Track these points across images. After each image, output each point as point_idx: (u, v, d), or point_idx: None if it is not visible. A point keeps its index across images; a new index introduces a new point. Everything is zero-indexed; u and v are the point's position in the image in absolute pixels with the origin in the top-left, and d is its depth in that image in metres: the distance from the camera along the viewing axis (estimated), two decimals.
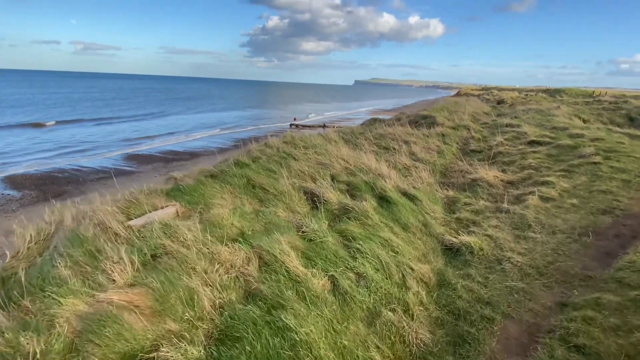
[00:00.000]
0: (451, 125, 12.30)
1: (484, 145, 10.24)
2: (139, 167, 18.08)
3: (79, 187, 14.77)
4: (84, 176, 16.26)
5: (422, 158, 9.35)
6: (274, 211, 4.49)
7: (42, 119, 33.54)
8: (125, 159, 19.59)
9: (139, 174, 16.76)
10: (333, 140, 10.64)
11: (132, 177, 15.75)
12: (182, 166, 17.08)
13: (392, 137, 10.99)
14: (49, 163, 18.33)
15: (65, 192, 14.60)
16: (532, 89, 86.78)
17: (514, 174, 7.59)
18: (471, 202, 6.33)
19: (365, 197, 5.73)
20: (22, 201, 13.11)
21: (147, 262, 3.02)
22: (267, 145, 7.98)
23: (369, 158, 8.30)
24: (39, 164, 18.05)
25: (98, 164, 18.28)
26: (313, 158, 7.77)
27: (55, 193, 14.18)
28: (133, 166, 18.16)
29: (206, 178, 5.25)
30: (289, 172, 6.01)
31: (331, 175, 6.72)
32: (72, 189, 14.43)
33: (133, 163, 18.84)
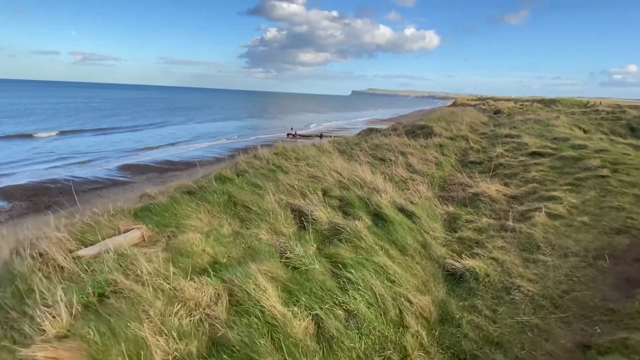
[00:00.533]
0: (449, 135, 11.87)
1: (484, 156, 9.79)
2: (133, 178, 17.64)
3: (71, 197, 14.62)
4: (76, 187, 15.69)
5: (420, 170, 8.88)
6: (255, 233, 3.98)
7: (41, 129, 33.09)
8: (120, 169, 19.13)
9: (132, 184, 16.32)
10: (327, 151, 10.18)
11: (126, 188, 15.37)
12: (177, 176, 16.83)
13: (388, 148, 10.53)
14: (43, 174, 17.85)
15: (56, 203, 14.23)
16: (527, 99, 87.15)
17: (517, 187, 7.11)
18: (473, 219, 5.83)
19: (359, 214, 5.23)
20: (11, 212, 12.65)
21: (91, 304, 2.50)
22: (257, 157, 7.50)
23: (364, 170, 7.83)
24: (32, 175, 17.59)
25: (92, 174, 17.86)
26: (305, 171, 7.28)
27: (46, 204, 13.79)
28: (127, 176, 17.69)
29: (182, 195, 4.74)
30: (277, 187, 5.50)
31: (323, 190, 6.22)
32: (63, 200, 13.98)
33: (127, 173, 18.38)
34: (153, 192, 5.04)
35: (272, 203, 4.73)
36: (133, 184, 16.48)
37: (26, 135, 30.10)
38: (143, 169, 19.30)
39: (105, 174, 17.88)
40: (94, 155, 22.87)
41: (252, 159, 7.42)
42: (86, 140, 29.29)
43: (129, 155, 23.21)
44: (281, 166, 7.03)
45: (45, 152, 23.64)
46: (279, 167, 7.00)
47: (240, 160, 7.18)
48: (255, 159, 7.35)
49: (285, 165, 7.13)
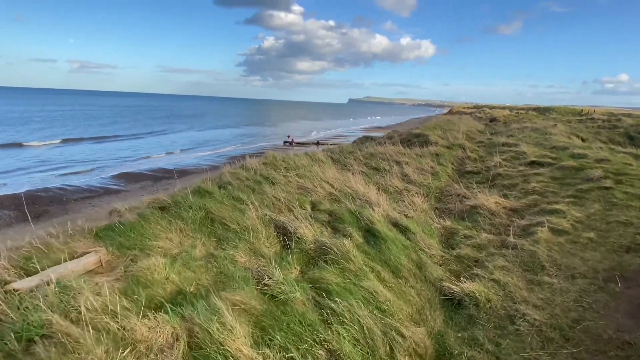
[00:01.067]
0: (445, 144, 11.52)
1: (481, 166, 9.43)
2: (126, 186, 17.31)
3: (61, 206, 14.01)
4: (68, 195, 15.44)
5: (415, 180, 8.49)
6: (231, 255, 3.55)
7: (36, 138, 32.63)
8: (115, 177, 18.76)
9: (125, 192, 15.97)
10: (320, 160, 9.78)
11: (119, 196, 14.95)
12: (171, 184, 16.27)
13: (383, 157, 10.15)
14: (36, 182, 17.49)
15: (46, 212, 13.92)
16: (522, 107, 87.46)
17: (517, 200, 6.72)
18: (472, 235, 5.42)
19: (349, 230, 4.81)
20: (1, 222, 12.13)
21: (15, 353, 2.06)
22: (244, 167, 7.09)
23: (356, 181, 7.43)
24: (25, 184, 17.20)
25: (86, 182, 17.50)
26: (294, 182, 6.87)
27: (36, 213, 13.48)
28: (121, 185, 17.31)
29: (154, 211, 4.31)
30: (261, 201, 5.09)
31: (312, 203, 5.80)
32: (53, 209, 13.58)
33: (122, 182, 18.00)
34: (123, 208, 4.62)
35: (254, 219, 4.31)
36: (126, 192, 16.11)
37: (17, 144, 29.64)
38: (138, 177, 18.95)
39: (99, 183, 17.53)
40: (90, 164, 22.48)
41: (239, 169, 7.01)
42: (83, 149, 29.01)
43: (125, 164, 22.90)
44: (269, 177, 6.62)
45: (40, 160, 23.33)
46: (267, 178, 6.59)
47: (225, 171, 6.76)
48: (242, 170, 6.94)
49: (274, 176, 6.72)
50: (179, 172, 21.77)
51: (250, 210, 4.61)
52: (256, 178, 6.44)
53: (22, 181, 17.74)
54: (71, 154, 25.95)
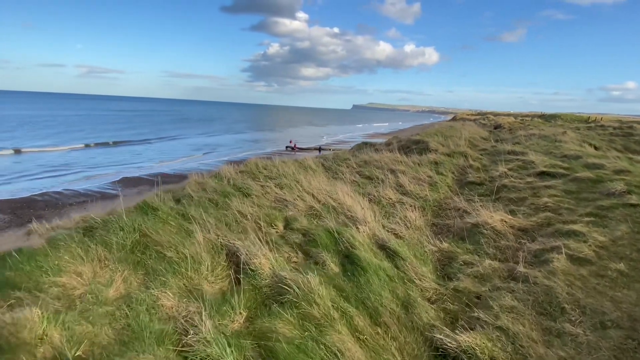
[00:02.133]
0: (446, 151, 10.58)
1: (485, 176, 8.47)
2: (123, 191, 16.86)
3: (56, 211, 13.61)
4: (64, 200, 15.23)
5: (411, 191, 7.56)
6: (154, 297, 2.68)
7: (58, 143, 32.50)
8: (113, 182, 18.44)
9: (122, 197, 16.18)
10: (310, 168, 8.90)
11: (115, 201, 15.13)
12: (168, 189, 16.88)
13: (378, 165, 9.25)
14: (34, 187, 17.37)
15: (41, 216, 13.64)
16: (527, 114, 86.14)
17: (526, 217, 5.76)
18: (473, 261, 4.48)
19: (324, 257, 3.91)
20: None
21: None
22: (217, 176, 6.23)
23: (344, 192, 6.53)
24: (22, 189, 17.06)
25: (83, 187, 17.29)
26: (272, 193, 5.99)
27: (30, 217, 13.25)
28: (118, 189, 16.77)
29: (72, 234, 3.45)
30: (221, 219, 4.21)
31: (286, 220, 4.91)
32: (48, 214, 13.18)
33: (119, 186, 17.47)
34: (43, 229, 3.77)
35: (199, 245, 3.44)
36: (123, 197, 16.36)
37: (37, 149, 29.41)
38: (136, 182, 18.65)
39: (97, 187, 17.33)
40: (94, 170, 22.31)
41: (209, 178, 6.15)
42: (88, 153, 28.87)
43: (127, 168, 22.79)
44: (243, 188, 5.76)
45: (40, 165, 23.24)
46: (240, 188, 5.72)
47: (191, 181, 5.91)
48: (213, 179, 6.08)
49: (249, 187, 5.85)
50: (179, 176, 21.42)
51: (203, 230, 3.73)
52: (225, 189, 5.58)
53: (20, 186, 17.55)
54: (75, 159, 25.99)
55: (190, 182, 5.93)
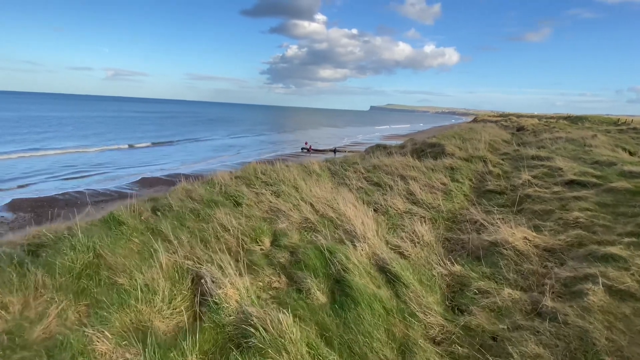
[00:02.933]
0: (463, 156, 9.77)
1: (506, 184, 7.65)
2: (140, 190, 17.01)
3: (74, 210, 14.31)
4: (83, 199, 15.35)
5: (423, 200, 6.86)
6: (87, 339, 2.16)
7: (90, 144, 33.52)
8: (132, 182, 18.75)
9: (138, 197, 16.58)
10: (315, 172, 8.32)
11: (171, 190, 15.71)
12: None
13: (388, 170, 8.57)
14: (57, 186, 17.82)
15: (59, 215, 13.85)
16: (552, 115, 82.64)
17: (553, 235, 4.98)
18: (489, 289, 3.78)
19: (309, 283, 3.32)
20: (13, 224, 12.21)
21: None
22: (210, 182, 5.73)
23: (347, 201, 5.91)
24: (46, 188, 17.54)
25: (103, 187, 17.62)
26: (266, 202, 5.43)
27: (48, 216, 13.53)
28: (135, 189, 17.06)
29: (14, 254, 2.99)
30: (198, 235, 3.68)
31: (274, 235, 4.34)
32: (66, 213, 13.90)
33: (137, 186, 17.88)
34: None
35: (160, 269, 2.91)
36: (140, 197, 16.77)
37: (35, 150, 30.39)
38: (153, 182, 18.77)
39: (116, 187, 17.59)
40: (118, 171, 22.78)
41: (200, 185, 5.66)
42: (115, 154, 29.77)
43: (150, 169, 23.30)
44: (234, 196, 5.24)
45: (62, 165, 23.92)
46: (232, 197, 5.20)
47: (178, 188, 5.43)
48: (204, 186, 5.59)
49: (241, 195, 5.32)
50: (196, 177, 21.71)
51: (164, 252, 3.20)
52: (212, 197, 5.06)
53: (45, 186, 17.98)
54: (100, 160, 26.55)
55: (177, 189, 5.45)
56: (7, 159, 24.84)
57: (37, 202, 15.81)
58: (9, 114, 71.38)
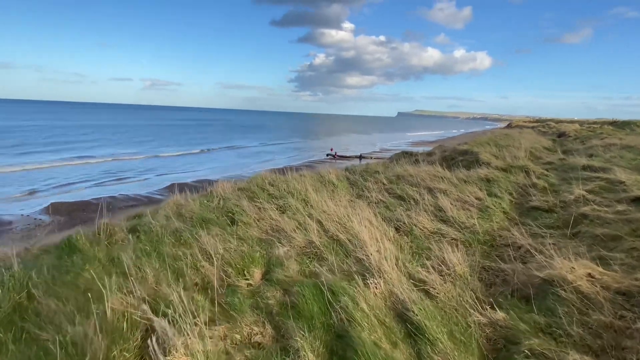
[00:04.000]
0: (501, 165, 8.56)
1: (554, 199, 6.44)
2: (169, 196, 17.96)
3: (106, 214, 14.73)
4: (116, 203, 15.81)
5: (454, 219, 5.83)
6: None
7: (136, 152, 34.87)
8: (163, 188, 19.09)
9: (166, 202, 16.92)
10: (330, 183, 7.48)
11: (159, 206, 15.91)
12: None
13: (413, 181, 7.58)
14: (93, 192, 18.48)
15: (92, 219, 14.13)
16: (594, 121, 77.07)
17: (628, 271, 3.84)
18: (547, 352, 2.76)
19: (300, 342, 2.46)
20: (49, 227, 12.41)
21: None
22: (209, 195, 5.05)
23: (363, 219, 5.02)
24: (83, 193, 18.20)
25: (135, 192, 18.10)
26: (268, 219, 4.65)
27: (82, 220, 13.55)
28: (164, 195, 17.26)
29: None
30: (166, 266, 2.94)
31: (269, 264, 3.53)
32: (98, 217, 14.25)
33: (165, 192, 18.07)
34: None
35: (101, 319, 2.18)
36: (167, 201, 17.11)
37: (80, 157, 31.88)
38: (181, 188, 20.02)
39: (147, 192, 18.00)
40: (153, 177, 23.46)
41: (195, 198, 4.97)
42: (157, 161, 30.62)
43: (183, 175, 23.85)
44: (232, 212, 4.51)
45: (104, 171, 24.81)
46: (228, 213, 4.47)
47: (170, 202, 4.77)
48: (199, 199, 4.90)
49: (240, 211, 4.58)
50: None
51: (127, 288, 2.48)
52: (204, 215, 4.35)
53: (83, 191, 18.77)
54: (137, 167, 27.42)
55: (168, 204, 4.80)
56: (57, 166, 26.12)
57: (73, 206, 16.39)
58: (63, 122, 76.69)
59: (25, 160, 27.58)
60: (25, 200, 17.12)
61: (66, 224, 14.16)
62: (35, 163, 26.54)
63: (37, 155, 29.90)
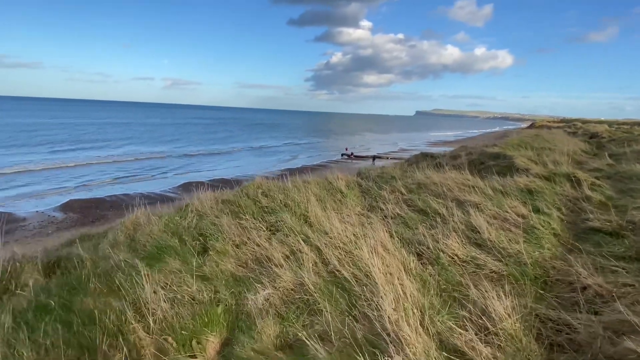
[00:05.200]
0: (541, 172, 7.14)
1: (619, 219, 5.03)
2: (182, 195, 18.18)
3: (118, 212, 15.00)
4: (128, 201, 16.01)
5: (493, 243, 4.54)
6: None
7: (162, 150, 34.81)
8: (176, 187, 18.98)
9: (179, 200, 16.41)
10: (339, 192, 6.30)
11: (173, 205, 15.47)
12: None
13: (438, 191, 6.29)
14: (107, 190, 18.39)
15: (103, 216, 13.56)
16: (623, 121, 72.44)
17: None
18: None
19: None
20: (61, 224, 12.36)
21: None
22: (181, 210, 3.97)
23: (376, 242, 3.84)
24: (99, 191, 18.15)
25: (149, 190, 17.98)
26: (250, 244, 3.52)
27: (95, 217, 13.35)
28: (177, 193, 17.36)
29: None
30: (75, 332, 1.87)
31: (232, 325, 2.39)
32: (111, 214, 13.57)
33: (179, 190, 18.10)
34: None
35: None
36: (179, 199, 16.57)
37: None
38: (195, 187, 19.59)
39: (161, 191, 17.93)
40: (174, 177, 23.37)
41: (159, 218, 3.89)
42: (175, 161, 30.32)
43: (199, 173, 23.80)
44: (206, 234, 3.40)
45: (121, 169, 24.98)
46: (201, 235, 3.37)
47: (127, 222, 3.69)
48: (168, 216, 3.82)
49: (217, 233, 3.48)
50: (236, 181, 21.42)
51: None
52: (163, 242, 3.25)
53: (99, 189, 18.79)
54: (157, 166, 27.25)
55: (124, 223, 3.73)
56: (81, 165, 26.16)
57: (87, 204, 16.35)
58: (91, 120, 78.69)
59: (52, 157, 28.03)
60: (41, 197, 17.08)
61: (78, 222, 13.95)
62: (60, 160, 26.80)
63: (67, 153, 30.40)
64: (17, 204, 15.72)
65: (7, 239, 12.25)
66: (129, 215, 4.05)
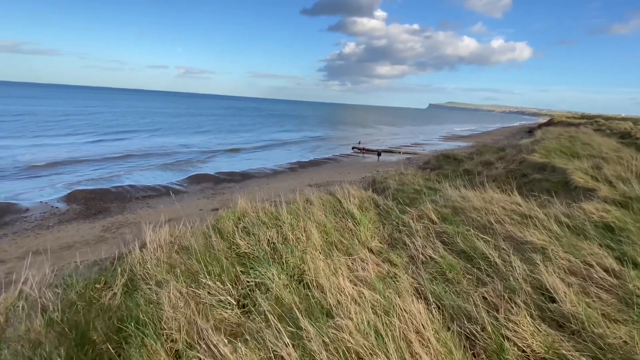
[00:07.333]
0: (612, 195, 5.38)
1: None
2: (187, 187, 16.66)
3: (122, 204, 13.51)
4: (134, 193, 15.16)
5: (578, 319, 2.91)
6: None
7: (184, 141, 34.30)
8: (183, 179, 18.35)
9: (183, 194, 15.32)
10: (350, 216, 4.76)
11: (178, 198, 14.33)
12: (231, 188, 16.04)
13: (480, 222, 4.64)
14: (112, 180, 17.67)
15: (107, 209, 13.08)
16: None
17: None
18: None
19: None
20: (63, 216, 12.01)
21: None
22: (107, 272, 2.49)
23: (405, 326, 2.27)
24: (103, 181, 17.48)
25: (154, 181, 17.32)
26: (199, 350, 2.04)
27: (98, 209, 12.98)
28: (183, 186, 16.80)
29: None
30: None
31: None
32: (115, 206, 13.22)
33: (185, 182, 17.50)
34: None
35: None
36: (185, 193, 15.44)
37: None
38: (200, 179, 18.14)
39: (167, 182, 17.40)
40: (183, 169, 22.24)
41: (71, 285, 2.41)
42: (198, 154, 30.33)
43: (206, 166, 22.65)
44: (125, 333, 1.94)
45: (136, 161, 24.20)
46: (115, 336, 1.91)
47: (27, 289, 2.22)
48: (82, 286, 2.36)
49: (145, 328, 2.01)
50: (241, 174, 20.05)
51: None
52: (61, 322, 1.82)
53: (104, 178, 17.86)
54: None
55: (21, 290, 2.23)
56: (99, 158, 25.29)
57: (91, 194, 15.60)
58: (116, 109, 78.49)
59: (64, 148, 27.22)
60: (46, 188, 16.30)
61: (81, 214, 12.51)
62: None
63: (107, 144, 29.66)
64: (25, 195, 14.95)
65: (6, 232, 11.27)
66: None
